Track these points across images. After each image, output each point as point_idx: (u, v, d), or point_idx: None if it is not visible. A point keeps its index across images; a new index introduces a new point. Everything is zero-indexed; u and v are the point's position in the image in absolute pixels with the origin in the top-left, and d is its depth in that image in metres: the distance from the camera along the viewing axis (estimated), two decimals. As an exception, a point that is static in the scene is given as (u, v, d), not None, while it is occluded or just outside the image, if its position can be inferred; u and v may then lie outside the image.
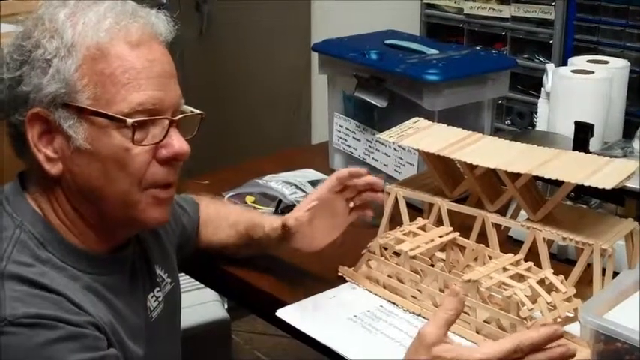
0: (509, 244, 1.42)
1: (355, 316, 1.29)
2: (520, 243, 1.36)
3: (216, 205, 1.52)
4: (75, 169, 1.06)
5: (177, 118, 1.09)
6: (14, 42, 1.07)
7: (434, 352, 0.97)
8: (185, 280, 1.38)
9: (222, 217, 1.47)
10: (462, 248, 1.36)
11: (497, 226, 1.38)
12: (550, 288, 1.21)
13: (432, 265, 1.31)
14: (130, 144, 1.05)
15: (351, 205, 1.38)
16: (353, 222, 1.40)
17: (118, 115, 1.04)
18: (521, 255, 1.30)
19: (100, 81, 1.04)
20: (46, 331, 0.97)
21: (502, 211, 1.40)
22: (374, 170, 1.80)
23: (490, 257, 1.31)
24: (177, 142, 1.08)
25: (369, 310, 1.31)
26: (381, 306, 1.33)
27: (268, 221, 1.41)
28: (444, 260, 1.33)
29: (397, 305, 1.33)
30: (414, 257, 1.31)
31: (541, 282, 1.21)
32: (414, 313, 1.30)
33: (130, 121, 1.04)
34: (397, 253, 1.35)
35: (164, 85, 1.07)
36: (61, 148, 1.06)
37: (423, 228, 1.40)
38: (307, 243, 1.38)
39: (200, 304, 2.33)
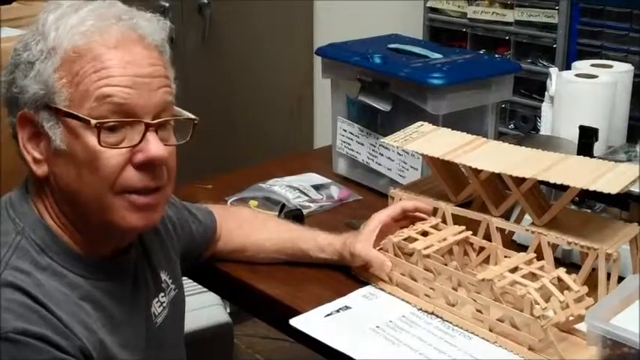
0: (514, 248, 1.41)
1: (378, 327, 1.27)
2: (524, 247, 1.36)
3: (251, 210, 1.55)
4: (56, 170, 1.07)
5: (155, 122, 1.06)
6: (14, 45, 1.08)
7: None
8: (187, 283, 1.37)
9: (261, 220, 1.50)
10: (474, 247, 1.36)
11: (501, 231, 1.38)
12: (562, 287, 1.20)
13: (445, 264, 1.30)
14: (103, 147, 1.03)
15: None
16: (347, 222, 1.42)
17: (86, 116, 1.03)
18: (533, 254, 1.30)
19: (75, 82, 1.04)
20: (30, 352, 0.97)
21: (506, 216, 1.40)
22: (377, 174, 1.80)
23: (504, 257, 1.31)
24: (154, 147, 1.05)
25: (391, 321, 1.29)
26: (403, 316, 1.30)
27: (322, 236, 1.44)
28: (452, 260, 1.33)
29: (417, 315, 1.31)
30: (427, 256, 1.31)
31: (553, 281, 1.21)
32: (426, 311, 1.30)
33: (93, 121, 1.03)
34: (411, 252, 1.34)
35: (141, 85, 1.05)
36: (45, 149, 1.07)
37: (435, 227, 1.40)
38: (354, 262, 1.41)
39: (202, 308, 2.33)
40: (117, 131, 1.04)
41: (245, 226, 1.48)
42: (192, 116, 1.13)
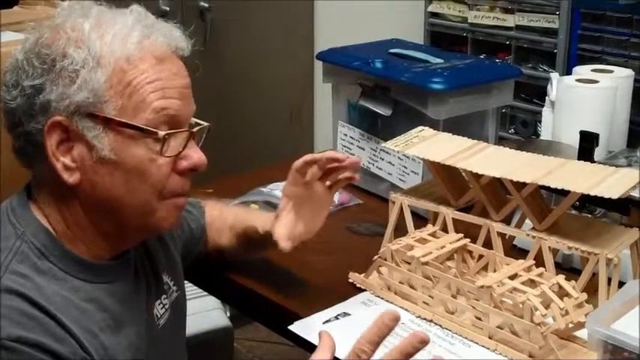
0: (514, 253, 1.41)
1: None
2: (525, 252, 1.36)
3: (220, 206, 1.51)
4: (95, 178, 1.06)
5: (195, 129, 1.11)
6: (31, 48, 1.05)
7: None
8: (188, 287, 1.37)
9: (224, 219, 1.46)
10: (473, 255, 1.36)
11: (502, 235, 1.38)
12: (562, 294, 1.20)
13: (444, 272, 1.30)
14: (155, 155, 1.06)
15: (327, 183, 1.34)
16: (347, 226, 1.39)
17: (146, 126, 1.04)
18: (532, 261, 1.30)
19: (127, 92, 1.04)
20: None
21: (507, 220, 1.40)
22: (378, 179, 1.80)
23: (504, 264, 1.31)
24: (196, 154, 1.10)
25: None
26: (402, 324, 1.28)
27: (261, 223, 1.37)
28: (450, 267, 1.33)
29: (416, 322, 1.31)
30: (425, 263, 1.31)
31: (552, 288, 1.21)
32: (425, 319, 1.30)
33: (161, 133, 1.05)
34: (408, 260, 1.34)
35: (184, 96, 1.09)
36: (80, 157, 1.05)
37: (433, 234, 1.40)
38: (299, 237, 1.34)
39: (203, 312, 2.33)
40: (166, 140, 1.06)
41: (212, 227, 1.45)
42: (207, 124, 1.16)
